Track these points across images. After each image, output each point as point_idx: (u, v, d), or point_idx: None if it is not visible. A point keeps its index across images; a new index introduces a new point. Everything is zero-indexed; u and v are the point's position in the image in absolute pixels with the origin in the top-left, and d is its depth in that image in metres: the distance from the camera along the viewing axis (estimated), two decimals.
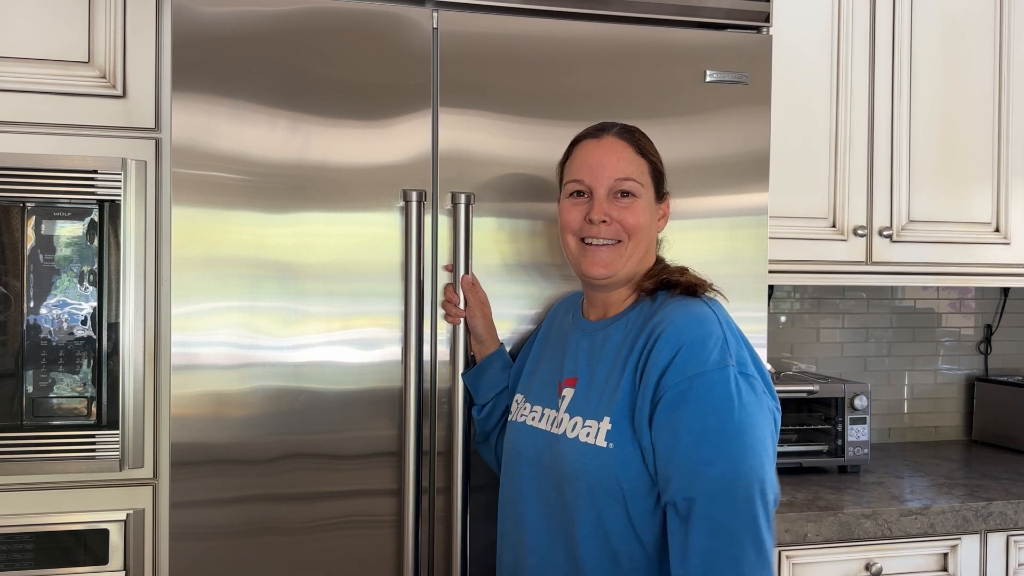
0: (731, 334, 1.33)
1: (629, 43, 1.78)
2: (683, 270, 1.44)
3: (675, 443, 1.27)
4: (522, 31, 1.73)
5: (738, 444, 1.24)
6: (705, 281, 1.41)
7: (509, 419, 1.57)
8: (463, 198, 1.66)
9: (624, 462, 1.32)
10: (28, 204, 1.65)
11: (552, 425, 1.43)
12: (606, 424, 1.34)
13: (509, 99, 1.72)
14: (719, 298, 1.42)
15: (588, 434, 1.36)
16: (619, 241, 1.41)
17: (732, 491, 1.23)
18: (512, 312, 1.73)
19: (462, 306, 1.65)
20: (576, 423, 1.38)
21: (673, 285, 1.40)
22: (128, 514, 1.72)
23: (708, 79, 1.81)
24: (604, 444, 1.33)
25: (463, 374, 1.65)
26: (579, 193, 1.44)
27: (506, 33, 1.72)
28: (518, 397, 1.57)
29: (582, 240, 1.43)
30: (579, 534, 1.36)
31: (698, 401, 1.26)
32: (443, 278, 1.70)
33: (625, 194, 1.41)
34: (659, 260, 1.51)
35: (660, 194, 1.47)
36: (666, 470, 1.28)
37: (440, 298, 1.69)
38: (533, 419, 1.49)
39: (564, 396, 1.44)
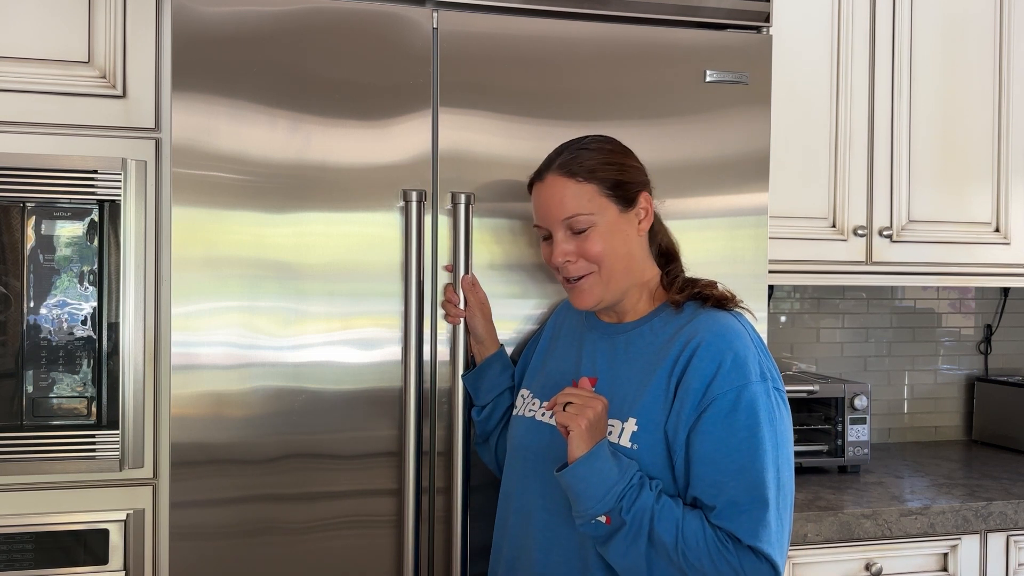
0: (761, 349, 1.37)
1: (629, 43, 1.78)
2: (712, 284, 1.45)
3: (727, 447, 1.30)
4: (523, 31, 1.73)
5: (781, 452, 1.34)
6: (735, 296, 1.44)
7: (514, 413, 1.58)
8: (463, 198, 1.66)
9: (648, 463, 1.34)
10: (28, 204, 1.65)
11: None
12: (631, 425, 1.35)
13: (509, 99, 1.72)
14: (747, 315, 1.44)
15: (610, 433, 1.36)
16: (592, 272, 1.42)
17: (764, 492, 1.30)
18: (512, 312, 1.73)
19: (462, 306, 1.65)
20: None
21: (704, 298, 1.42)
22: (128, 514, 1.72)
23: (708, 79, 1.81)
24: (628, 444, 1.35)
25: (463, 376, 1.65)
26: (546, 236, 1.46)
27: (506, 33, 1.72)
28: (524, 392, 1.58)
29: (565, 277, 1.46)
30: None
31: (748, 410, 1.30)
32: (443, 278, 1.70)
33: (578, 231, 1.41)
34: (672, 260, 1.52)
35: (628, 200, 1.44)
36: (709, 472, 1.30)
37: (440, 298, 1.69)
38: (543, 415, 1.49)
39: None
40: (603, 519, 1.30)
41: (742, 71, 1.82)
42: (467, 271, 1.66)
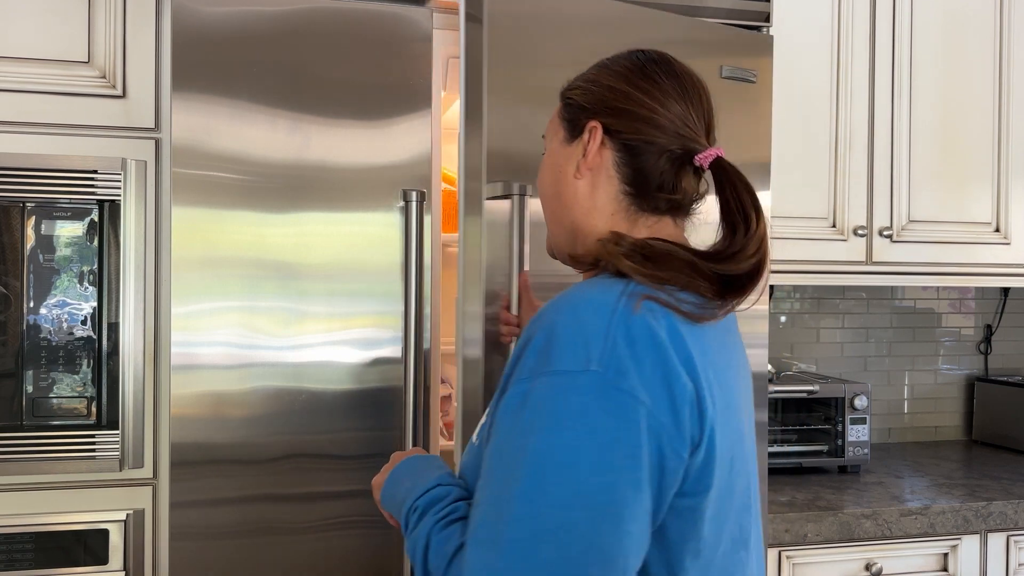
0: (620, 331, 0.90)
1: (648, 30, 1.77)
2: (649, 245, 1.00)
3: (499, 450, 0.95)
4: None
5: (550, 463, 0.92)
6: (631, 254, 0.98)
7: None
8: (516, 187, 1.52)
9: (481, 460, 0.97)
10: (28, 204, 1.65)
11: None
12: (484, 416, 1.05)
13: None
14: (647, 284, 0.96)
15: (477, 432, 1.07)
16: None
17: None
18: None
19: (514, 310, 1.52)
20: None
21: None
22: (128, 514, 1.72)
23: (724, 75, 1.80)
24: (474, 439, 1.05)
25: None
26: None
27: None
28: None
29: None
30: None
31: (532, 410, 0.90)
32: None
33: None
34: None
35: (576, 127, 1.07)
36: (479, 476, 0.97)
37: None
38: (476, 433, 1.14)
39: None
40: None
41: (751, 69, 1.82)
42: (522, 268, 1.53)
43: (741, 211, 1.02)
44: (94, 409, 1.68)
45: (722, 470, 0.95)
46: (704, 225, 1.11)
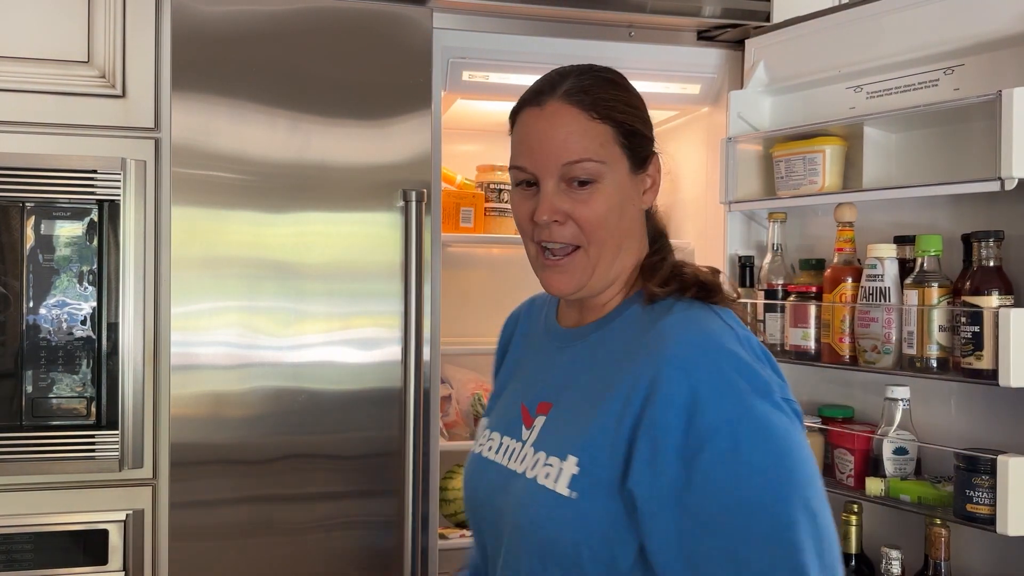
0: (755, 354, 0.98)
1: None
2: (698, 268, 1.07)
3: (738, 503, 0.91)
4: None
5: (812, 490, 0.95)
6: (723, 286, 1.05)
7: (471, 450, 1.18)
8: None
9: (591, 520, 0.95)
10: (28, 204, 1.65)
11: (510, 459, 1.08)
12: (571, 466, 0.98)
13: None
14: (736, 311, 1.05)
15: (548, 475, 1.00)
16: (576, 248, 1.04)
17: (801, 558, 0.91)
18: None
19: None
20: (539, 460, 1.02)
21: (684, 287, 1.04)
22: (128, 514, 1.71)
23: None
24: (566, 492, 0.97)
25: None
26: (527, 183, 1.06)
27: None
28: (483, 422, 1.20)
29: (540, 245, 1.06)
30: None
31: (754, 443, 0.91)
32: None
33: (581, 183, 1.03)
34: (659, 240, 1.12)
35: (640, 159, 1.07)
36: (721, 542, 0.90)
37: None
38: (490, 449, 1.12)
39: (534, 426, 1.07)
40: None
41: None
42: None
43: None
44: (94, 409, 1.68)
45: None
46: None
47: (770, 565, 0.88)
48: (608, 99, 1.05)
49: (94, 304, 1.67)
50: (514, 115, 1.09)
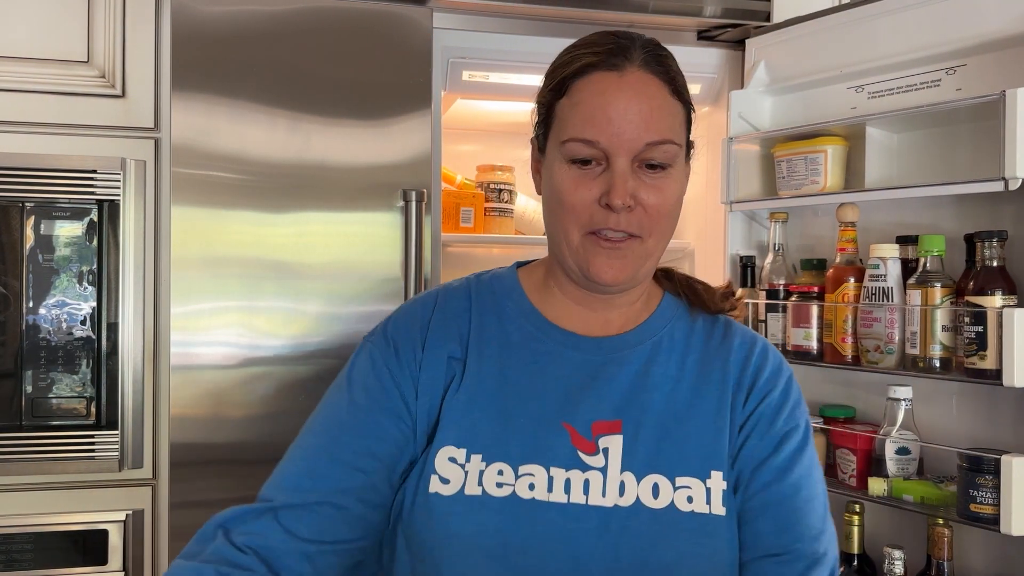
0: None
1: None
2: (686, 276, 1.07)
3: (815, 487, 0.98)
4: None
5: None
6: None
7: (446, 492, 0.93)
8: None
9: (734, 535, 0.93)
10: (27, 204, 1.65)
11: (584, 492, 0.91)
12: (719, 482, 0.92)
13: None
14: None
15: (691, 498, 0.91)
16: (633, 236, 0.92)
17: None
18: None
19: None
20: (657, 484, 0.91)
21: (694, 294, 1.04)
22: (128, 514, 1.71)
23: None
24: (722, 511, 0.92)
25: None
26: (583, 161, 0.91)
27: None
28: (474, 458, 0.93)
29: (592, 232, 0.92)
30: None
31: (810, 443, 1.00)
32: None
33: (656, 166, 0.91)
34: None
35: (688, 147, 0.97)
36: (812, 520, 0.95)
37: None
38: (531, 487, 0.91)
39: (605, 448, 0.93)
40: None
41: None
42: None
43: None
44: (93, 409, 1.68)
45: None
46: None
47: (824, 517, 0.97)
48: (679, 74, 0.94)
49: (94, 304, 1.67)
50: (572, 78, 0.92)
